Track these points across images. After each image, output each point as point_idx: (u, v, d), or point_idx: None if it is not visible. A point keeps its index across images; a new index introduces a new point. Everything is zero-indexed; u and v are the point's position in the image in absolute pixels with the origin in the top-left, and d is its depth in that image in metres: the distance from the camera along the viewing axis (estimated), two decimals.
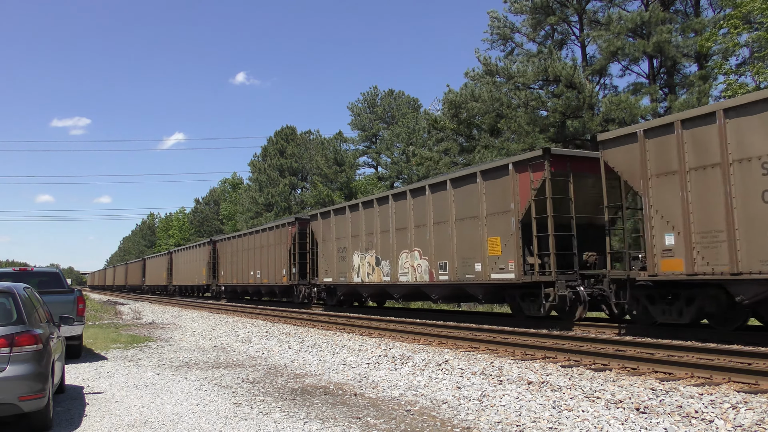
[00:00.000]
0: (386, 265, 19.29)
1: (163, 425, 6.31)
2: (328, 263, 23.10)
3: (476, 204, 15.30)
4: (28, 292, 6.98)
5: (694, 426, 5.52)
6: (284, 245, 27.10)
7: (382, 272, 19.53)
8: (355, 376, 9.02)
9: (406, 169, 40.99)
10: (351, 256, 21.41)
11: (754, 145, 9.51)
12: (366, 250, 20.51)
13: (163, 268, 51.67)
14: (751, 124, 9.54)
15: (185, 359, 11.59)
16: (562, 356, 9.68)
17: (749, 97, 9.78)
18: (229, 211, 65.14)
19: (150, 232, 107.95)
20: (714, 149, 10.08)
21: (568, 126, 24.52)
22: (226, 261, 36.07)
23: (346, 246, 21.80)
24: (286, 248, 26.86)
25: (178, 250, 49.43)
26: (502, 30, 28.35)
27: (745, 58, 23.40)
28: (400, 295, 19.41)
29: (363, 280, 20.63)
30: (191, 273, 43.08)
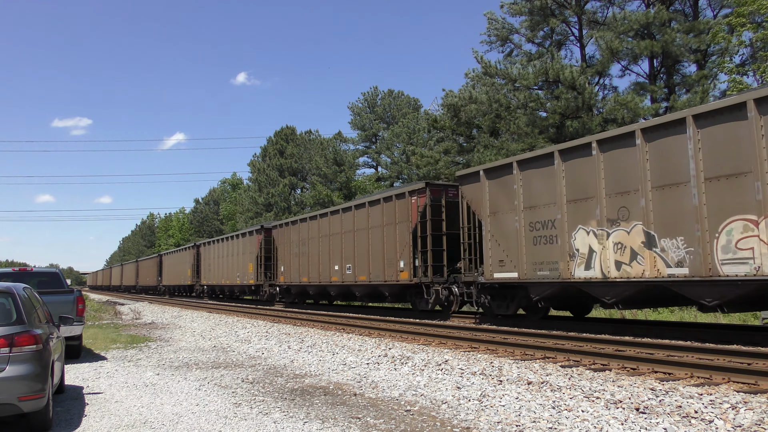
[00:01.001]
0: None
1: (163, 425, 6.31)
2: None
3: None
4: (27, 292, 6.98)
5: (694, 426, 5.52)
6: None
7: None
8: (355, 376, 9.02)
9: (406, 169, 40.97)
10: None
11: None
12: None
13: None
14: None
15: (185, 359, 11.59)
16: (561, 356, 9.68)
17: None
18: (228, 211, 65.12)
19: (150, 232, 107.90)
20: None
21: (567, 126, 24.52)
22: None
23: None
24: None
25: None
26: (501, 31, 28.35)
27: (747, 57, 23.41)
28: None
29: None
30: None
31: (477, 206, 15.30)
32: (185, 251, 45.21)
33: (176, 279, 46.92)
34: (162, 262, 53.05)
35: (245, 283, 31.74)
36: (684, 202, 10.27)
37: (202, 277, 40.28)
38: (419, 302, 18.07)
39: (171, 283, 48.70)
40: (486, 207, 14.88)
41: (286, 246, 26.92)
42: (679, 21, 24.77)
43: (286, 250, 26.98)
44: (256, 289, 30.84)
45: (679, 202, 10.38)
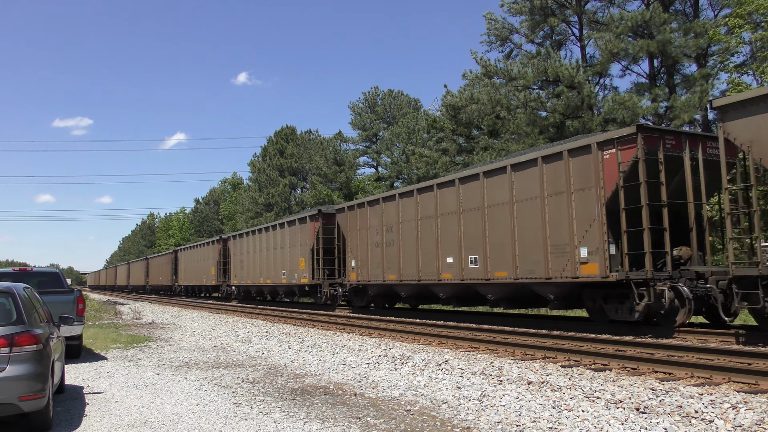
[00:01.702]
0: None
1: (163, 425, 6.31)
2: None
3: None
4: (27, 292, 6.98)
5: (694, 426, 5.52)
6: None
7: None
8: (355, 376, 9.02)
9: (405, 169, 40.98)
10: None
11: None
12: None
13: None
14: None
15: (185, 359, 11.59)
16: (562, 356, 9.68)
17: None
18: (229, 211, 65.12)
19: (150, 232, 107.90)
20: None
21: (567, 126, 24.51)
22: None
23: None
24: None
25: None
26: (501, 31, 28.33)
27: (747, 57, 23.41)
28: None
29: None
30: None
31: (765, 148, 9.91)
32: (208, 246, 38.98)
33: (197, 278, 40.87)
34: (178, 259, 46.71)
35: (294, 283, 25.83)
36: None
37: (232, 276, 34.24)
38: (614, 309, 12.31)
39: (190, 282, 42.76)
40: None
41: (359, 234, 20.90)
42: (679, 21, 24.76)
43: (358, 239, 20.97)
44: (310, 290, 25.28)
45: None
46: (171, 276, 46.96)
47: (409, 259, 18.05)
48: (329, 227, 23.49)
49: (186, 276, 43.35)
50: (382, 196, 19.70)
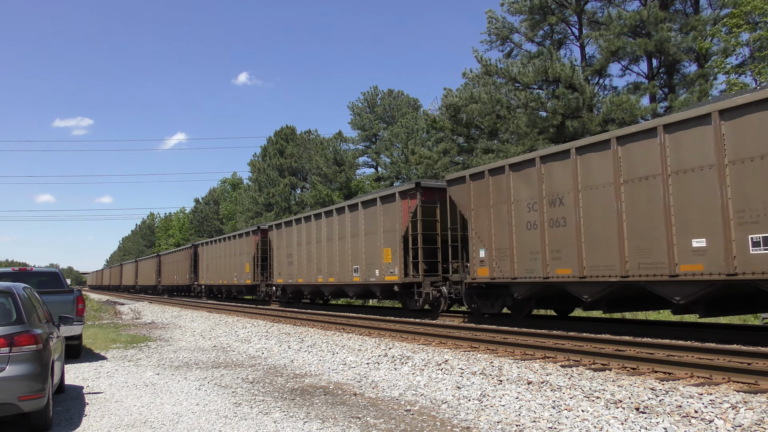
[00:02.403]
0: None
1: (163, 425, 6.31)
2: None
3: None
4: (27, 292, 6.98)
5: (694, 426, 5.52)
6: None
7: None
8: (355, 376, 9.02)
9: (405, 169, 40.97)
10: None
11: None
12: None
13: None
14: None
15: (185, 359, 11.59)
16: (561, 356, 9.68)
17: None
18: (229, 210, 65.09)
19: (150, 232, 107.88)
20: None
21: (567, 126, 24.52)
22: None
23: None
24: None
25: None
26: (501, 30, 28.33)
27: (746, 57, 23.41)
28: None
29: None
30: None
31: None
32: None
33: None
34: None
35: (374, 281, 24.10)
36: None
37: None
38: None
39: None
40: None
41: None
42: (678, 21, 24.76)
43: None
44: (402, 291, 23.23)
45: None
46: (189, 274, 42.42)
47: (598, 242, 12.05)
48: (430, 206, 17.85)
49: (210, 274, 38.30)
50: (541, 155, 13.44)
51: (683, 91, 24.86)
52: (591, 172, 12.18)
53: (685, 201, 10.44)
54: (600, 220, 11.93)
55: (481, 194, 15.07)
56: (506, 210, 14.20)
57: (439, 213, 17.67)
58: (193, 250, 42.47)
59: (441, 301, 17.36)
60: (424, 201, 17.61)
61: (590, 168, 12.19)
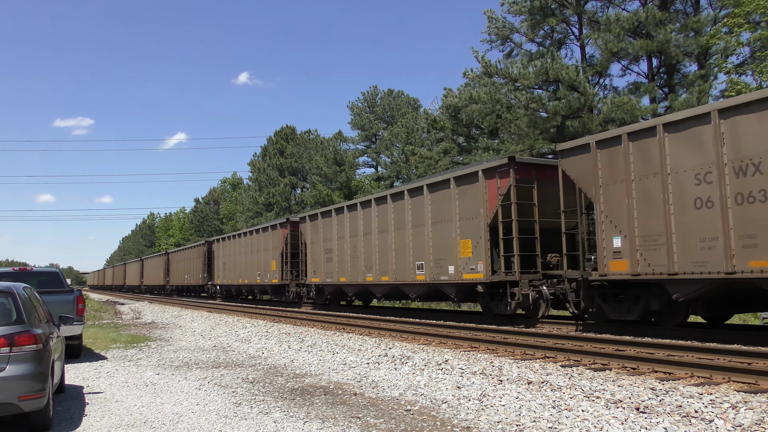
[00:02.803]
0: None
1: (163, 425, 6.31)
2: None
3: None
4: (27, 291, 6.98)
5: (694, 426, 5.52)
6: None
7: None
8: (355, 376, 9.02)
9: (405, 169, 40.99)
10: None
11: None
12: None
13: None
14: None
15: (185, 359, 11.59)
16: (562, 356, 9.68)
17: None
18: (229, 210, 65.14)
19: (150, 232, 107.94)
20: None
21: (567, 126, 24.52)
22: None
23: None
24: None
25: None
26: (501, 30, 28.32)
27: (746, 57, 23.42)
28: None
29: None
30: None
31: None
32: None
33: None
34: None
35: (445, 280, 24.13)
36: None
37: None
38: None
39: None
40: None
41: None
42: (678, 20, 24.76)
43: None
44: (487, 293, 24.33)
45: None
46: (203, 274, 39.74)
47: None
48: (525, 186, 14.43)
49: (227, 273, 34.99)
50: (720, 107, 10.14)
51: (683, 91, 24.87)
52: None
53: None
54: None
55: (615, 165, 11.74)
56: (660, 184, 10.88)
57: (536, 195, 14.46)
58: (207, 247, 39.24)
59: (540, 304, 13.98)
60: (519, 179, 14.24)
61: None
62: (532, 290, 13.92)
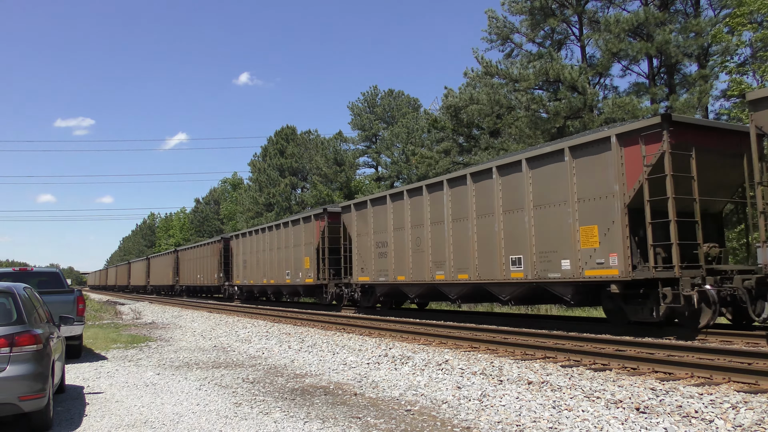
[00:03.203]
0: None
1: (164, 425, 6.31)
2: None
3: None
4: (28, 292, 6.98)
5: (694, 426, 5.52)
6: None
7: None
8: (355, 376, 9.02)
9: (405, 169, 41.00)
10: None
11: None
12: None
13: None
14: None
15: (185, 359, 11.59)
16: (562, 356, 9.68)
17: None
18: (229, 210, 65.14)
19: (150, 232, 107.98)
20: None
21: (568, 126, 24.53)
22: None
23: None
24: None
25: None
26: (501, 30, 28.32)
27: (747, 57, 23.42)
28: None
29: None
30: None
31: None
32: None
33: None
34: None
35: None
36: None
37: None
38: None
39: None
40: None
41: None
42: (678, 21, 24.77)
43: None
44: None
45: None
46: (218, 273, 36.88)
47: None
48: (682, 154, 10.99)
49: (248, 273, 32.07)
50: None
51: (683, 91, 24.88)
52: None
53: None
54: None
55: None
56: None
57: (694, 167, 10.71)
58: (224, 244, 36.16)
59: (703, 309, 10.49)
60: (674, 146, 10.59)
61: None
62: (695, 291, 10.42)
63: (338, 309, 22.98)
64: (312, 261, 23.97)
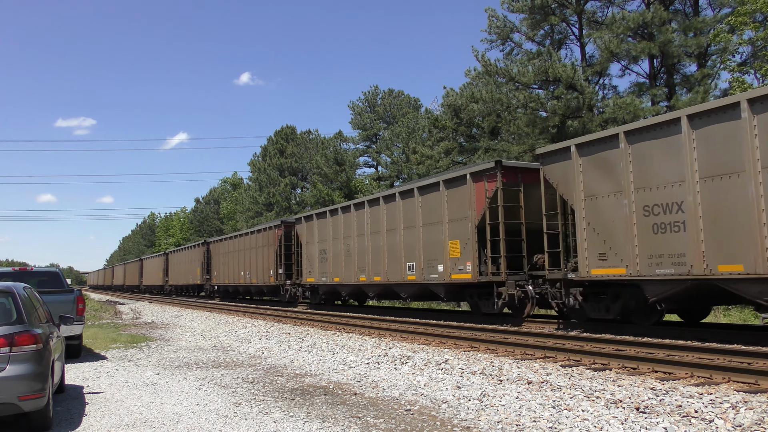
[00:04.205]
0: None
1: (163, 425, 6.31)
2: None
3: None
4: (27, 291, 6.98)
5: (694, 425, 5.52)
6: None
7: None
8: (355, 376, 9.02)
9: (406, 168, 40.98)
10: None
11: None
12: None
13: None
14: None
15: (185, 359, 11.59)
16: (562, 356, 9.67)
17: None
18: (229, 210, 65.09)
19: (150, 232, 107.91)
20: None
21: (567, 126, 24.50)
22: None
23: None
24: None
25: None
26: (502, 30, 28.30)
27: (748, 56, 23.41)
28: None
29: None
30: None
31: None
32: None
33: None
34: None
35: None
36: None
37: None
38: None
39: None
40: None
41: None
42: (678, 21, 24.75)
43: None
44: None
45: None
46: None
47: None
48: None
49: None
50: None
51: (683, 91, 24.86)
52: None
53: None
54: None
55: None
56: None
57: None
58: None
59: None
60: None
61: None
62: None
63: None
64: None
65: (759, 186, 9.29)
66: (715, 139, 9.93)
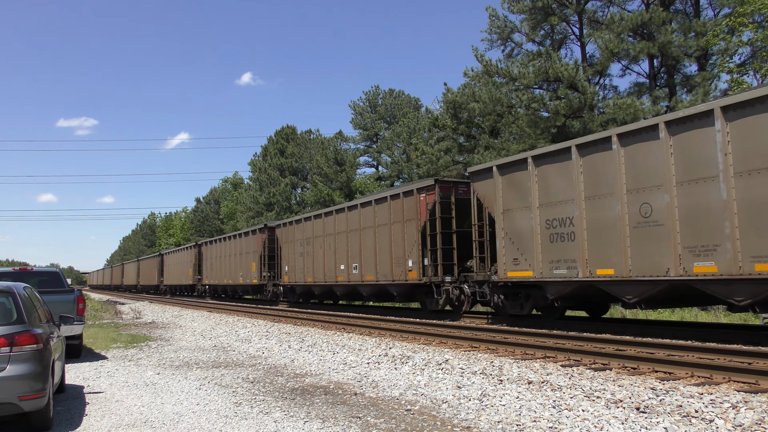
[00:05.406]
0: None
1: (164, 425, 6.31)
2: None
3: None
4: (28, 291, 6.98)
5: (694, 425, 5.52)
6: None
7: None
8: (356, 376, 9.01)
9: (406, 168, 40.97)
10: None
11: None
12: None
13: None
14: None
15: (185, 359, 11.59)
16: (562, 356, 9.67)
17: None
18: (229, 210, 65.05)
19: (150, 232, 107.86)
20: None
21: (568, 126, 24.50)
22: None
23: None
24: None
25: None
26: (502, 29, 28.28)
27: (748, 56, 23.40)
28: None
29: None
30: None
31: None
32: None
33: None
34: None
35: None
36: None
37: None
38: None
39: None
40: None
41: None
42: (678, 21, 24.73)
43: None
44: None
45: None
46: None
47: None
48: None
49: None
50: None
51: (683, 92, 24.84)
52: None
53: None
54: None
55: None
56: None
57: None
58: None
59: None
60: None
61: None
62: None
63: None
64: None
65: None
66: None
